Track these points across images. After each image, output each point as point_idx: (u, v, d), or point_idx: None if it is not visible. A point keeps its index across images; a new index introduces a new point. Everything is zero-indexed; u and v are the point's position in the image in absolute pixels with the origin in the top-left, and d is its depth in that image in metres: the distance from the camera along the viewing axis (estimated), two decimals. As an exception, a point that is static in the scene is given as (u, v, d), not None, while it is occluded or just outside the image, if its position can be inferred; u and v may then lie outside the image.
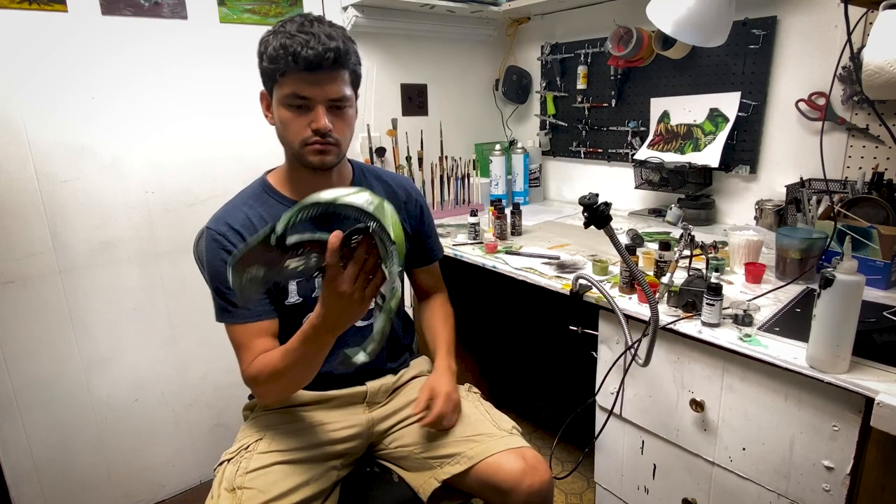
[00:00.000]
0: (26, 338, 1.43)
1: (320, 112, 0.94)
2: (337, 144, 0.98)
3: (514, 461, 1.01)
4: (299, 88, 0.92)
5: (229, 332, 1.01)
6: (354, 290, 0.78)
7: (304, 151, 0.97)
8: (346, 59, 0.94)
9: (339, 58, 0.92)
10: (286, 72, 0.91)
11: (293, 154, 1.00)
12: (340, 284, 0.77)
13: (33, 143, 1.38)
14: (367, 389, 1.12)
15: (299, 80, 0.92)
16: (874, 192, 1.26)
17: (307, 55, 0.89)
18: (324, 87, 0.93)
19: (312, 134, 0.95)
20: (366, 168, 1.17)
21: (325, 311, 0.82)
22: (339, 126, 0.97)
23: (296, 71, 0.91)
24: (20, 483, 1.47)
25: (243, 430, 1.11)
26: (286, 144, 1.00)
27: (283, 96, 0.94)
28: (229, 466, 1.00)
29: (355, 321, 0.84)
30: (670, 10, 1.29)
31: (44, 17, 1.34)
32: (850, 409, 0.84)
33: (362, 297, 0.79)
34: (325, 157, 0.98)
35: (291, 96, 0.93)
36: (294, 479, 0.97)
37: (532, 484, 0.99)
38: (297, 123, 0.95)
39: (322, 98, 0.94)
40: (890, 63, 0.99)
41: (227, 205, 1.06)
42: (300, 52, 0.89)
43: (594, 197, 0.93)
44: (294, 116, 0.95)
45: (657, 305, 0.97)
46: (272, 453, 1.01)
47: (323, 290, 0.80)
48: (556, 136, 2.23)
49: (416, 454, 1.08)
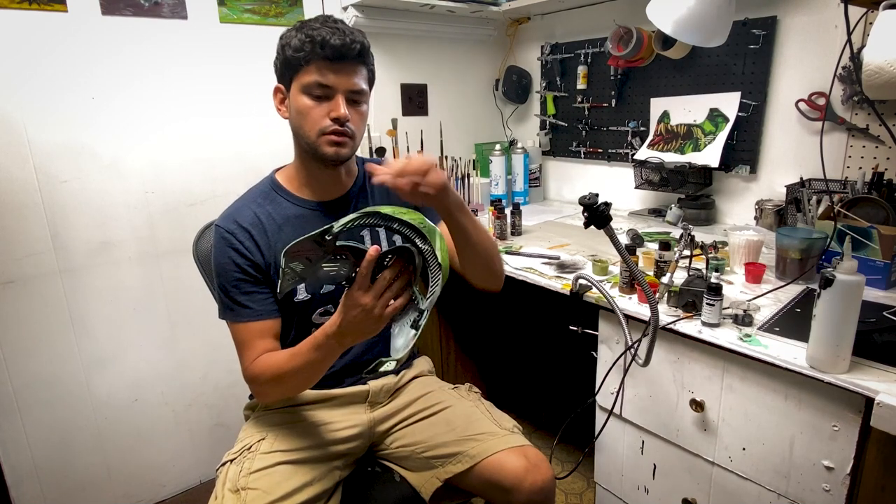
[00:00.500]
0: (26, 338, 1.43)
1: (340, 101, 0.95)
2: (352, 137, 0.99)
3: (517, 459, 1.01)
4: (323, 76, 0.94)
5: (232, 330, 1.01)
6: (377, 305, 0.79)
7: (319, 142, 0.97)
8: (367, 54, 0.98)
9: (363, 51, 0.96)
10: (311, 60, 0.94)
11: (308, 145, 0.99)
12: (364, 296, 0.78)
13: (33, 143, 1.38)
14: (370, 389, 1.12)
15: (324, 67, 0.94)
16: (874, 192, 1.26)
17: (335, 43, 0.92)
18: (346, 76, 0.95)
19: (331, 123, 0.96)
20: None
21: (343, 321, 0.82)
22: (355, 119, 0.99)
23: (320, 59, 0.93)
24: (20, 483, 1.47)
25: (245, 429, 1.11)
26: (302, 134, 0.99)
27: (306, 84, 0.95)
28: (232, 467, 1.00)
29: (368, 337, 0.85)
30: (670, 10, 1.29)
31: (44, 17, 1.34)
32: (850, 409, 0.84)
33: (382, 314, 0.80)
34: (341, 150, 0.98)
35: (314, 84, 0.95)
36: (298, 479, 0.98)
37: (534, 482, 0.99)
38: (316, 112, 0.96)
39: (343, 88, 0.96)
40: (890, 63, 0.99)
41: (236, 202, 1.06)
42: (328, 40, 0.92)
43: (594, 197, 0.93)
44: (314, 105, 0.96)
45: (657, 305, 0.97)
46: (275, 453, 1.01)
47: (345, 299, 0.81)
48: (556, 136, 2.23)
49: (417, 454, 1.08)
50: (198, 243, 1.22)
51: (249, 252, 0.99)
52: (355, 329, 0.82)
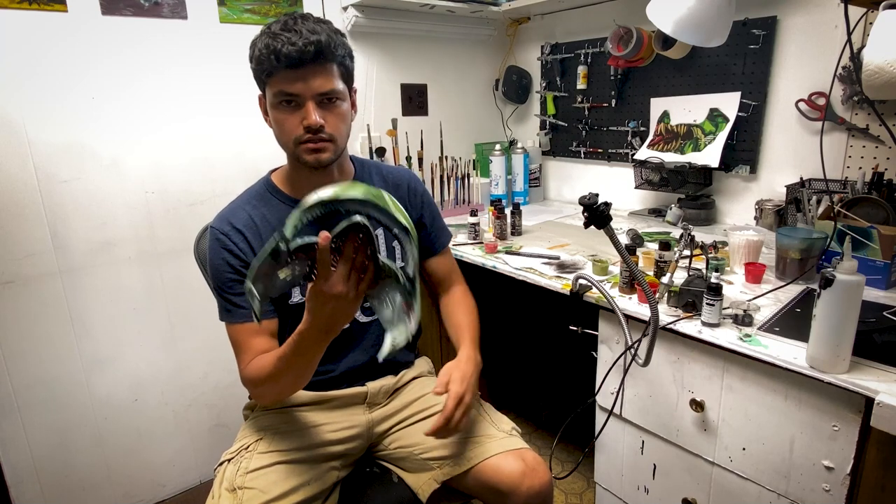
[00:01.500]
0: (26, 338, 1.43)
1: (310, 108, 0.94)
2: (332, 140, 0.97)
3: (514, 463, 1.00)
4: (286, 86, 0.92)
5: (229, 332, 1.01)
6: (349, 288, 0.76)
7: (299, 150, 0.97)
8: (330, 51, 0.93)
9: (322, 50, 0.91)
10: (272, 72, 0.92)
11: (290, 153, 1.00)
12: (334, 286, 0.75)
13: (33, 143, 1.37)
14: (368, 390, 1.12)
15: (285, 77, 0.92)
16: (874, 192, 1.26)
17: (288, 52, 0.89)
18: (309, 81, 0.92)
19: (304, 131, 0.95)
20: (367, 163, 1.17)
21: (315, 318, 0.80)
22: (332, 121, 0.96)
23: (280, 69, 0.91)
24: (20, 483, 1.47)
25: (243, 429, 1.11)
26: (282, 145, 1.00)
27: (273, 96, 0.95)
28: (230, 466, 1.00)
29: (349, 321, 0.83)
30: (670, 10, 1.29)
31: (44, 17, 1.34)
32: (850, 409, 0.84)
33: (356, 294, 0.78)
34: (320, 155, 0.97)
35: (279, 94, 0.94)
36: (294, 480, 0.97)
37: (532, 486, 0.99)
38: (289, 122, 0.95)
39: (309, 93, 0.93)
40: (890, 63, 0.99)
41: (230, 204, 1.06)
42: (281, 50, 0.89)
43: (594, 197, 0.93)
44: (286, 115, 0.95)
45: (657, 305, 0.97)
46: (272, 453, 1.01)
47: (311, 295, 0.78)
48: (556, 136, 2.23)
49: (415, 455, 1.08)
50: (198, 244, 1.22)
51: (243, 253, 1.00)
52: (335, 319, 0.80)
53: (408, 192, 1.18)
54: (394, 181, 1.18)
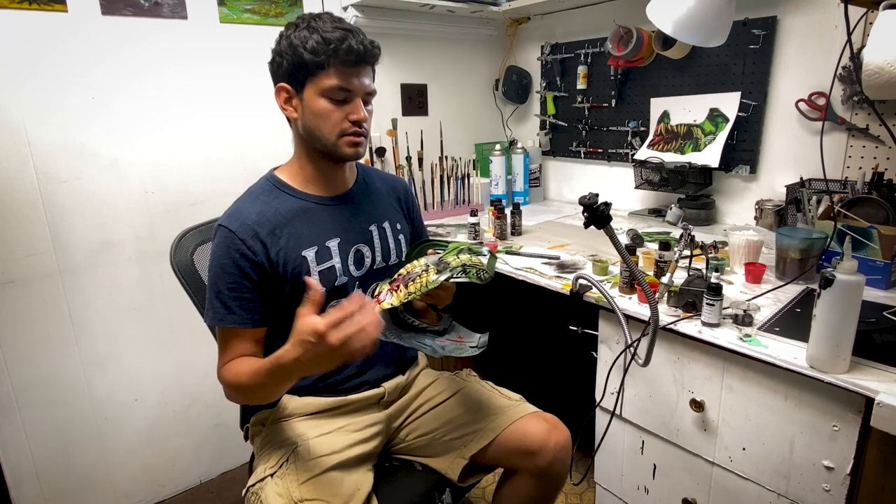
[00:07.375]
0: (26, 338, 1.43)
1: (359, 104, 0.99)
2: (367, 136, 1.03)
3: (539, 423, 1.09)
4: (344, 81, 0.96)
5: (216, 331, 1.03)
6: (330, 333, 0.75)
7: (339, 143, 1.00)
8: (377, 55, 1.00)
9: (375, 52, 0.99)
10: (331, 63, 0.94)
11: (325, 145, 1.00)
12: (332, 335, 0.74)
13: (33, 143, 1.37)
14: (385, 391, 1.13)
15: (344, 72, 0.95)
16: (874, 192, 1.26)
17: (358, 49, 0.94)
18: (362, 78, 0.98)
19: (351, 125, 0.98)
20: (363, 167, 1.21)
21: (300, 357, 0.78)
22: (368, 118, 1.02)
23: (340, 64, 0.94)
24: (20, 483, 1.47)
25: (268, 444, 1.08)
26: (320, 136, 0.99)
27: (325, 88, 0.96)
28: (278, 482, 0.98)
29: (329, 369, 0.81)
30: (670, 10, 1.29)
31: (44, 17, 1.34)
32: (850, 410, 0.84)
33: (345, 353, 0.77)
34: (359, 149, 1.02)
35: (335, 89, 0.96)
36: (349, 484, 0.98)
37: (558, 441, 1.08)
38: (336, 115, 0.98)
39: (362, 91, 0.98)
40: (890, 63, 0.99)
41: (238, 201, 1.04)
42: (351, 45, 0.93)
43: (594, 197, 0.93)
44: (334, 108, 0.97)
45: (657, 305, 0.97)
46: (316, 460, 1.00)
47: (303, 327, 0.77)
48: (556, 136, 2.23)
49: (437, 439, 1.11)
50: (175, 251, 1.17)
51: (254, 253, 0.97)
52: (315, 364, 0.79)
53: (405, 196, 1.24)
54: (391, 185, 1.23)
